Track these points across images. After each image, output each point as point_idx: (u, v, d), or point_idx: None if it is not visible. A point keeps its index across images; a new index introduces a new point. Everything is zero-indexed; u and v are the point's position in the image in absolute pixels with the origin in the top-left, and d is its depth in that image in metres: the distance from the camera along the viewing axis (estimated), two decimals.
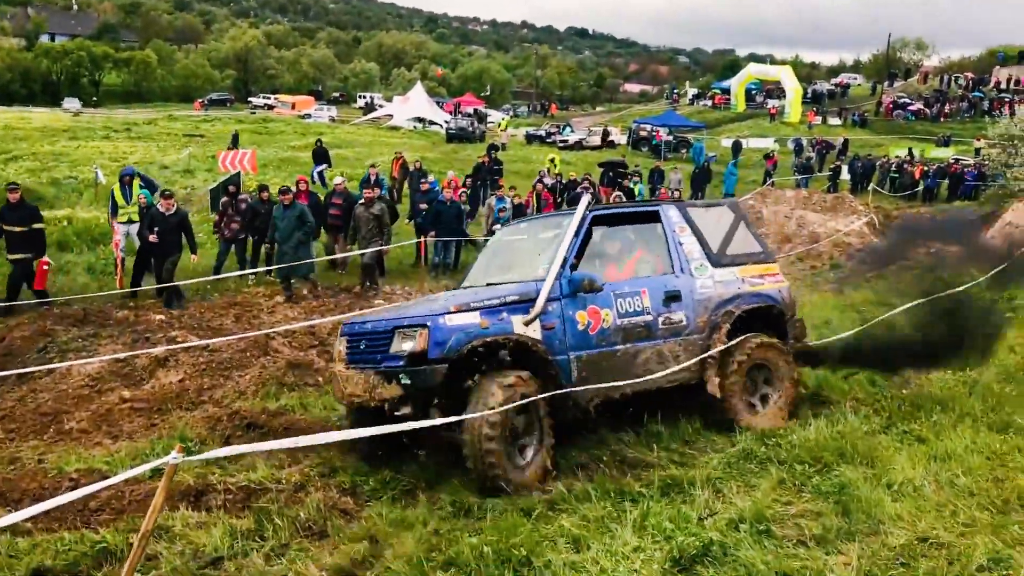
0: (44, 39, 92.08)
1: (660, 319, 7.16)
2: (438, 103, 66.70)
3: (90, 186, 24.27)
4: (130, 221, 14.22)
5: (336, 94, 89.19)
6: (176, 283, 12.92)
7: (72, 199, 22.35)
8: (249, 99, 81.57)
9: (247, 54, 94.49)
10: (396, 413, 6.32)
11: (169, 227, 12.76)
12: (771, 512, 5.16)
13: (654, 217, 7.69)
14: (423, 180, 18.74)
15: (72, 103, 68.62)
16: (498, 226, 12.66)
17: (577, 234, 7.02)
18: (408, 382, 6.16)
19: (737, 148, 42.88)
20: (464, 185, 18.66)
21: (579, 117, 75.10)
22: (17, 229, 12.20)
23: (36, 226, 12.48)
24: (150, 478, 6.59)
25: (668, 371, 7.01)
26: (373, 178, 17.54)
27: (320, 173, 29.40)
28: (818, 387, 8.57)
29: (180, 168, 29.20)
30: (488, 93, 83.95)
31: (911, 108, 60.93)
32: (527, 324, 6.45)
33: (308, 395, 9.19)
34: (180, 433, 7.73)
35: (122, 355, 9.63)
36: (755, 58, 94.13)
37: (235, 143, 34.77)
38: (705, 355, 7.25)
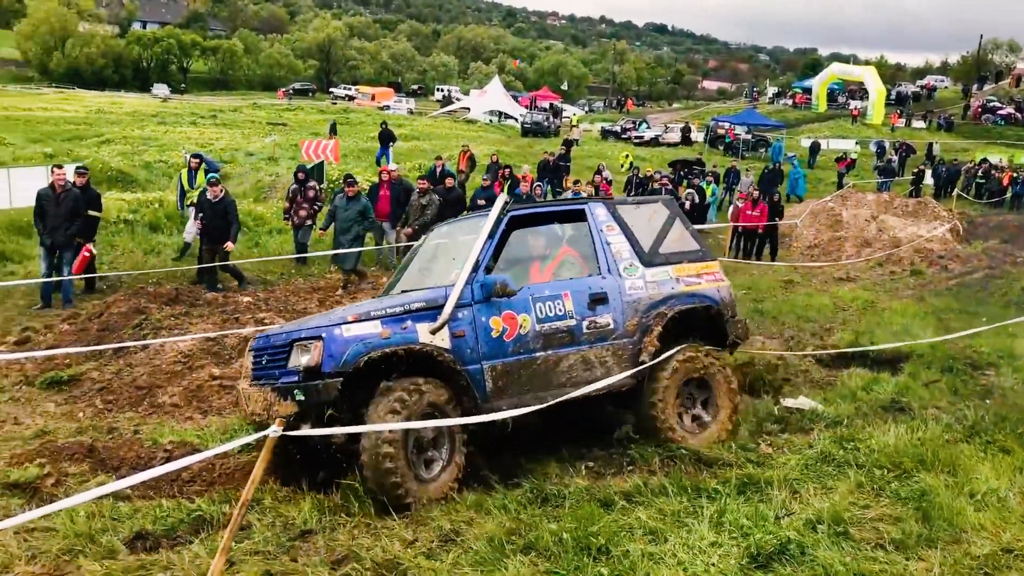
0: (136, 26, 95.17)
1: (584, 323, 6.75)
2: (514, 97, 66.97)
3: (179, 170, 25.11)
4: (192, 205, 14.74)
5: (415, 86, 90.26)
6: (235, 262, 13.48)
7: (162, 182, 23.12)
8: (331, 89, 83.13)
9: (329, 45, 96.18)
10: (295, 433, 5.87)
11: (216, 214, 13.15)
12: (849, 515, 5.16)
13: (579, 216, 7.26)
14: (484, 177, 18.83)
15: (161, 89, 71.05)
16: None
17: (492, 236, 6.63)
18: (302, 398, 5.83)
19: (815, 149, 42.15)
20: (524, 178, 18.63)
21: (655, 113, 74.55)
22: None
23: (91, 212, 12.91)
24: (238, 453, 6.88)
25: (598, 384, 6.53)
26: (440, 169, 17.78)
27: (385, 155, 30.22)
28: (898, 393, 8.48)
29: (264, 155, 29.95)
30: (565, 87, 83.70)
31: (1001, 112, 59.04)
32: (434, 332, 6.11)
33: None
34: None
35: (212, 334, 9.99)
36: (838, 58, 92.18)
37: (333, 131, 35.26)
38: (638, 367, 6.80)
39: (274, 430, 4.26)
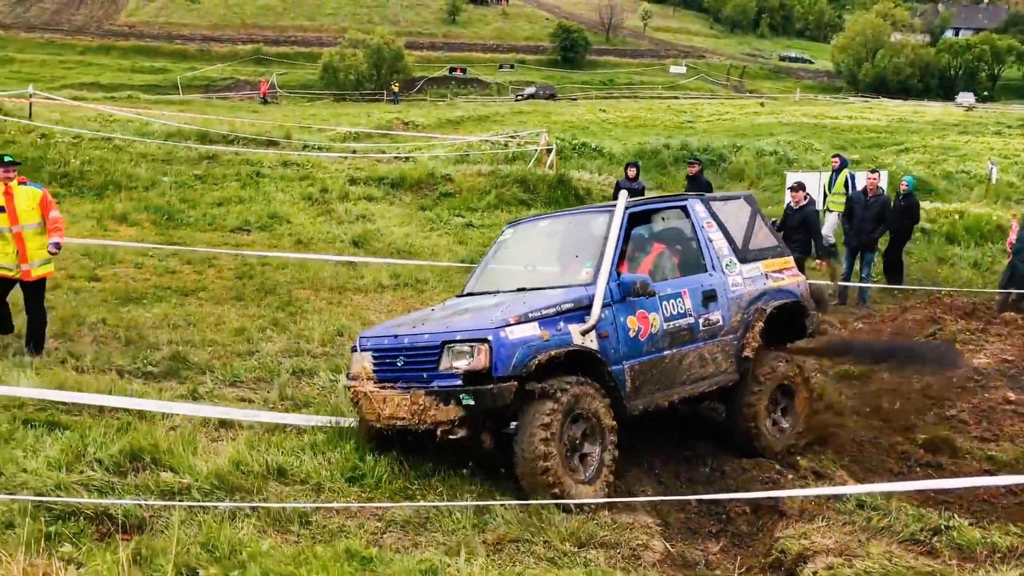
0: (949, 34, 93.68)
1: (700, 320, 6.81)
2: None
3: (981, 181, 24.08)
4: (828, 211, 14.73)
5: None
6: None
7: (963, 194, 22.48)
8: None
9: None
10: (451, 437, 5.84)
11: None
12: None
13: (682, 212, 7.28)
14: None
15: (966, 97, 68.86)
16: None
17: (620, 233, 6.51)
18: (471, 403, 5.67)
19: None
20: None
21: None
22: None
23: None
24: None
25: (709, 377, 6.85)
26: None
27: None
28: None
29: None
30: None
31: None
32: (584, 334, 5.99)
33: None
34: None
35: (1009, 356, 9.48)
36: None
37: None
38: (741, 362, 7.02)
39: None
